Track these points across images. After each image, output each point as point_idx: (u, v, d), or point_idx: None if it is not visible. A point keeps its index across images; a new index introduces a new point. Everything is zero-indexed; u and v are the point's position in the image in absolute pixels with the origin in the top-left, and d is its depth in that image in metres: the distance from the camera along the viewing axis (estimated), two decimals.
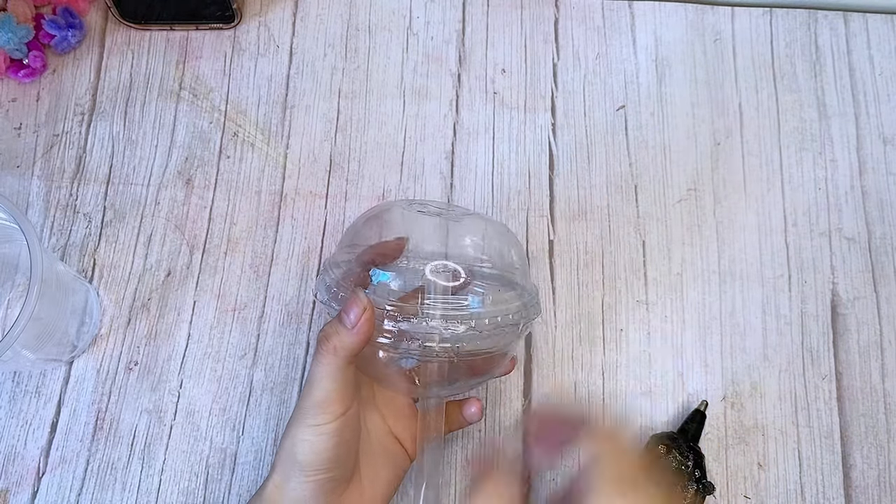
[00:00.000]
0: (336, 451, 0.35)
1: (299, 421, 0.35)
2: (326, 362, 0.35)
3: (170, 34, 0.54)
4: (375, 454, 0.39)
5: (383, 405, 0.41)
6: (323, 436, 0.35)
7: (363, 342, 0.35)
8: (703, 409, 0.45)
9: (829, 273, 0.50)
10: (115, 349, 0.47)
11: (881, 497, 0.45)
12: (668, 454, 0.42)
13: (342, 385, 0.35)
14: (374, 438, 0.40)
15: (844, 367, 0.47)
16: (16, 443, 0.45)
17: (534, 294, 0.40)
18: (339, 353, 0.35)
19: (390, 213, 0.41)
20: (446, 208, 0.42)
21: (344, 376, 0.35)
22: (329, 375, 0.35)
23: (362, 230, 0.41)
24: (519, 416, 0.46)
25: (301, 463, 0.35)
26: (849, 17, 0.56)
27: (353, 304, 0.35)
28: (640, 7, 0.56)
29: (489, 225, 0.42)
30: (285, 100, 0.53)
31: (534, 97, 0.53)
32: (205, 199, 0.50)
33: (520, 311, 0.38)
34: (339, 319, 0.35)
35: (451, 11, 0.55)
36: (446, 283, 0.37)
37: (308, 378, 0.36)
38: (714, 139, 0.53)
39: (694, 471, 0.42)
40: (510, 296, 0.38)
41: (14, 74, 0.51)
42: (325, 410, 0.35)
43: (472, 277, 0.38)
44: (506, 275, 0.40)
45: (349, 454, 0.37)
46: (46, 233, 0.49)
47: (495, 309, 0.37)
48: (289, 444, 0.35)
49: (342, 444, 0.36)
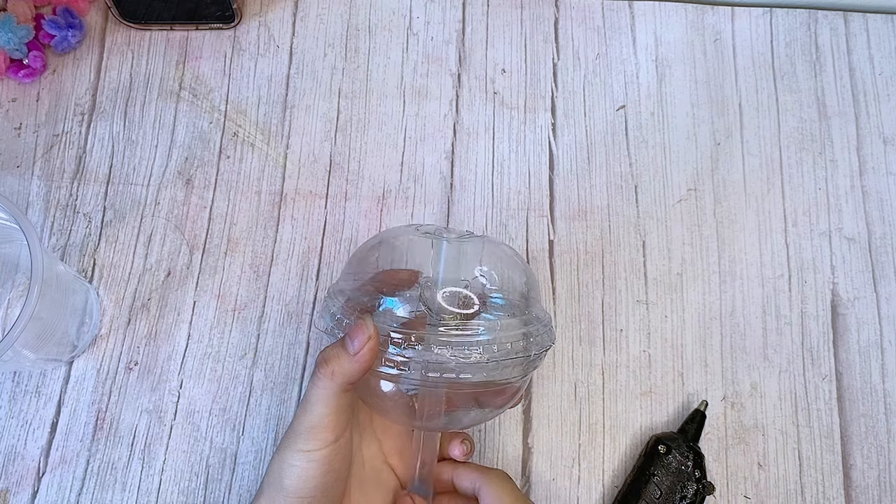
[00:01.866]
0: (324, 478, 0.34)
1: (289, 445, 0.34)
2: (322, 386, 0.34)
3: (170, 34, 0.54)
4: (368, 481, 0.38)
5: (381, 432, 0.40)
6: (312, 462, 0.34)
7: (363, 370, 0.34)
8: (703, 409, 0.45)
9: (829, 273, 0.50)
10: (115, 349, 0.47)
11: (881, 497, 0.45)
12: (668, 454, 0.42)
13: (336, 412, 0.34)
14: (368, 466, 0.39)
15: (844, 367, 0.47)
16: (16, 443, 0.45)
17: (546, 322, 0.38)
18: (337, 378, 0.34)
19: (397, 240, 0.39)
20: (453, 233, 0.40)
21: (339, 403, 0.34)
22: (323, 400, 0.34)
23: (368, 257, 0.39)
24: (519, 416, 0.46)
25: (287, 489, 0.34)
26: (849, 17, 0.56)
27: (360, 331, 0.34)
28: (640, 7, 0.56)
29: (499, 250, 0.40)
30: (285, 100, 0.53)
31: (534, 97, 0.53)
32: (205, 199, 0.50)
33: (529, 341, 0.35)
34: (342, 344, 0.34)
35: (451, 11, 0.55)
36: (457, 310, 0.35)
37: (303, 399, 0.35)
38: (714, 139, 0.53)
39: (694, 471, 0.42)
40: (519, 324, 0.36)
41: (14, 74, 0.51)
42: (316, 437, 0.34)
43: (484, 305, 0.36)
44: (517, 303, 0.38)
45: (337, 482, 0.36)
46: (46, 233, 0.49)
47: (504, 335, 0.34)
48: (276, 468, 0.35)
49: (331, 472, 0.35)
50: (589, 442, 0.46)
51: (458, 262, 0.37)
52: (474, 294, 0.36)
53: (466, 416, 0.38)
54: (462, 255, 0.38)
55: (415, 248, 0.39)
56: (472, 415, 0.38)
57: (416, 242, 0.39)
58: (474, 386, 0.35)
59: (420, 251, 0.38)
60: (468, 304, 0.35)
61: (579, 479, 0.45)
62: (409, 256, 0.38)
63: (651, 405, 0.46)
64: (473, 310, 0.35)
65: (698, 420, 0.44)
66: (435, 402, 0.36)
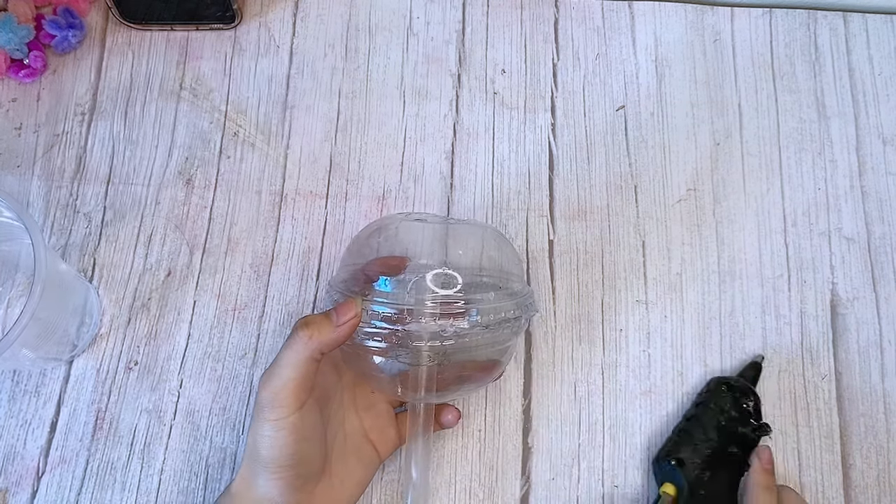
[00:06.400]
0: (297, 446, 0.35)
1: (258, 415, 0.36)
2: (296, 350, 0.35)
3: (170, 34, 0.54)
4: (349, 454, 0.40)
5: (363, 409, 0.42)
6: (282, 431, 0.35)
7: (340, 341, 0.35)
8: (760, 361, 0.46)
9: (829, 273, 0.50)
10: (115, 349, 0.47)
11: (881, 497, 0.45)
12: (731, 392, 0.44)
13: (302, 378, 0.35)
14: (349, 440, 0.41)
15: (844, 367, 0.47)
16: (15, 442, 0.45)
17: (528, 295, 0.41)
18: (313, 343, 0.35)
19: (388, 227, 0.42)
20: (444, 219, 0.43)
21: (307, 369, 0.35)
22: (293, 364, 0.35)
23: (363, 247, 0.42)
24: (519, 416, 0.46)
25: (264, 459, 0.35)
26: (848, 17, 0.56)
27: (347, 307, 0.36)
28: (640, 7, 0.56)
29: (485, 231, 0.43)
30: (285, 100, 0.53)
31: (534, 97, 0.53)
32: (205, 199, 0.50)
33: (513, 311, 0.39)
34: (327, 314, 0.36)
35: (451, 12, 0.55)
36: (442, 290, 0.37)
37: (273, 362, 0.36)
38: (714, 139, 0.53)
39: (754, 411, 0.43)
40: (502, 297, 0.39)
41: (14, 74, 0.51)
42: (280, 404, 0.35)
43: (470, 284, 0.39)
44: (501, 280, 0.41)
45: (313, 450, 0.37)
46: (47, 232, 0.49)
47: (488, 307, 0.38)
48: (252, 440, 0.36)
49: (302, 440, 0.36)
50: (589, 442, 0.46)
51: (446, 244, 0.40)
52: (460, 272, 0.39)
53: (455, 390, 0.40)
54: (450, 236, 0.41)
55: (405, 232, 0.41)
56: (459, 389, 0.41)
57: (405, 227, 0.42)
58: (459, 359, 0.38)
59: (410, 235, 0.41)
60: (451, 283, 0.38)
61: (579, 479, 0.45)
62: (401, 240, 0.41)
63: (651, 405, 0.46)
64: (457, 288, 0.38)
65: (756, 369, 0.46)
66: (423, 376, 0.38)
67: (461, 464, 0.45)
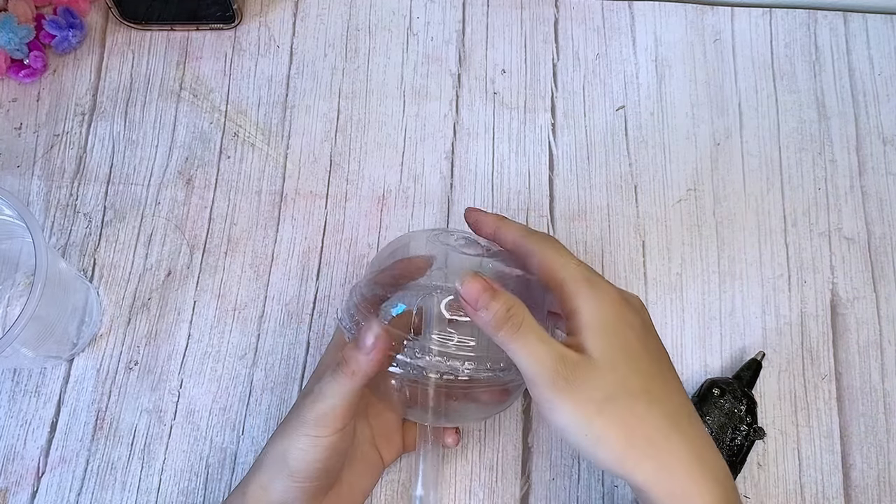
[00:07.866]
0: (328, 462, 0.36)
1: (297, 429, 0.36)
2: (343, 382, 0.36)
3: (170, 34, 0.54)
4: (357, 461, 0.40)
5: (373, 417, 0.42)
6: (318, 447, 0.36)
7: (377, 369, 0.36)
8: (759, 358, 0.46)
9: (829, 273, 0.50)
10: (115, 349, 0.47)
11: (881, 497, 0.45)
12: (722, 397, 0.43)
13: (349, 405, 0.36)
14: (358, 447, 0.41)
15: (844, 367, 0.47)
16: (15, 442, 0.45)
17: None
18: (358, 377, 0.36)
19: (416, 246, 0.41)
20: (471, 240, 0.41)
21: (354, 398, 0.36)
22: (340, 394, 0.36)
23: (387, 262, 0.41)
24: (519, 415, 0.46)
25: (291, 468, 0.36)
26: (848, 17, 0.56)
27: (368, 333, 0.36)
28: (640, 7, 0.56)
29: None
30: (285, 100, 0.53)
31: (534, 97, 0.53)
32: (205, 199, 0.50)
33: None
34: (356, 345, 0.36)
35: (451, 11, 0.55)
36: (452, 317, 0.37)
37: (316, 389, 0.36)
38: (714, 139, 0.53)
39: (746, 415, 0.43)
40: None
41: (15, 74, 0.51)
42: (325, 425, 0.36)
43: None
44: None
45: (339, 464, 0.38)
46: (47, 233, 0.49)
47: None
48: (281, 448, 0.36)
49: (335, 455, 0.37)
50: None
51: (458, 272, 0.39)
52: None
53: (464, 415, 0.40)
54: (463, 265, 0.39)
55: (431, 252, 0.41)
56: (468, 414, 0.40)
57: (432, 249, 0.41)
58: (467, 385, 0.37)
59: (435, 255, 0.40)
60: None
61: (579, 479, 0.45)
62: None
63: None
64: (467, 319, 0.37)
65: (754, 368, 0.45)
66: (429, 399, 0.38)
67: (461, 464, 0.45)
